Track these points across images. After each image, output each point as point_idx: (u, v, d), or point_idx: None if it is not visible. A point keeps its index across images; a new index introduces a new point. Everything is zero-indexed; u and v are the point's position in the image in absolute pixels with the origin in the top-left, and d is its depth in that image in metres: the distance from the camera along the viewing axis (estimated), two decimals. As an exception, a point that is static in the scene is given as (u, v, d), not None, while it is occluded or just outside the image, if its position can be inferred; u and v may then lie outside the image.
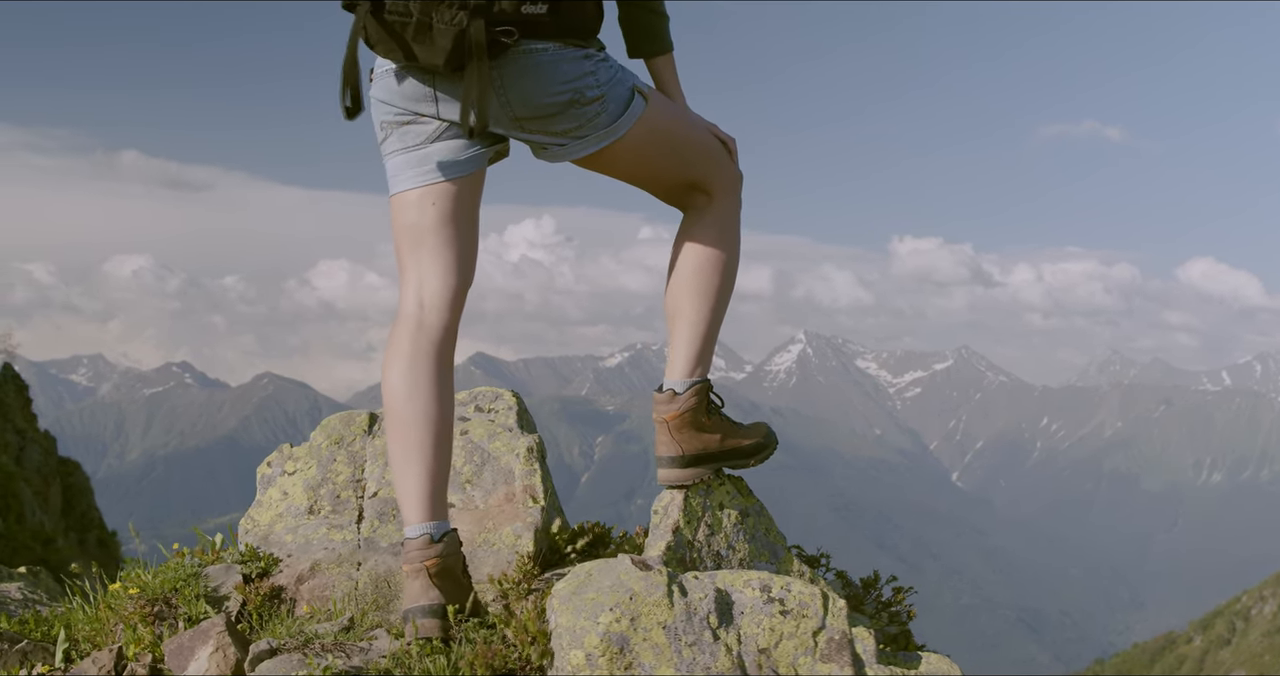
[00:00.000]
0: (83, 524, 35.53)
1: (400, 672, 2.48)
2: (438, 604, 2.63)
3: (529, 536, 3.18)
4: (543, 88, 2.71)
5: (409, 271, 2.88)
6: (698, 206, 3.09)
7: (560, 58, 2.71)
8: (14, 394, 36.87)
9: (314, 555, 3.18)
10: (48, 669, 2.78)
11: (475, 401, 3.66)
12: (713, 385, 3.13)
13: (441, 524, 2.75)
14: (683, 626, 2.46)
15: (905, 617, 3.48)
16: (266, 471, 3.54)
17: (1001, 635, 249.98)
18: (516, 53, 2.66)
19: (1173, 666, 77.02)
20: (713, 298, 3.07)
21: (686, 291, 3.06)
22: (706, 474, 3.09)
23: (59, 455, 36.98)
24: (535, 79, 2.70)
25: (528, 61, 2.68)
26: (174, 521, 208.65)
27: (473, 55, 2.57)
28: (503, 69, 2.67)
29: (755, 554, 3.11)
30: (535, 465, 3.40)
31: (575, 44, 2.74)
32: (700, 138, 3.04)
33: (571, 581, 2.55)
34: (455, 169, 2.82)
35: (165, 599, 2.99)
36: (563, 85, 2.72)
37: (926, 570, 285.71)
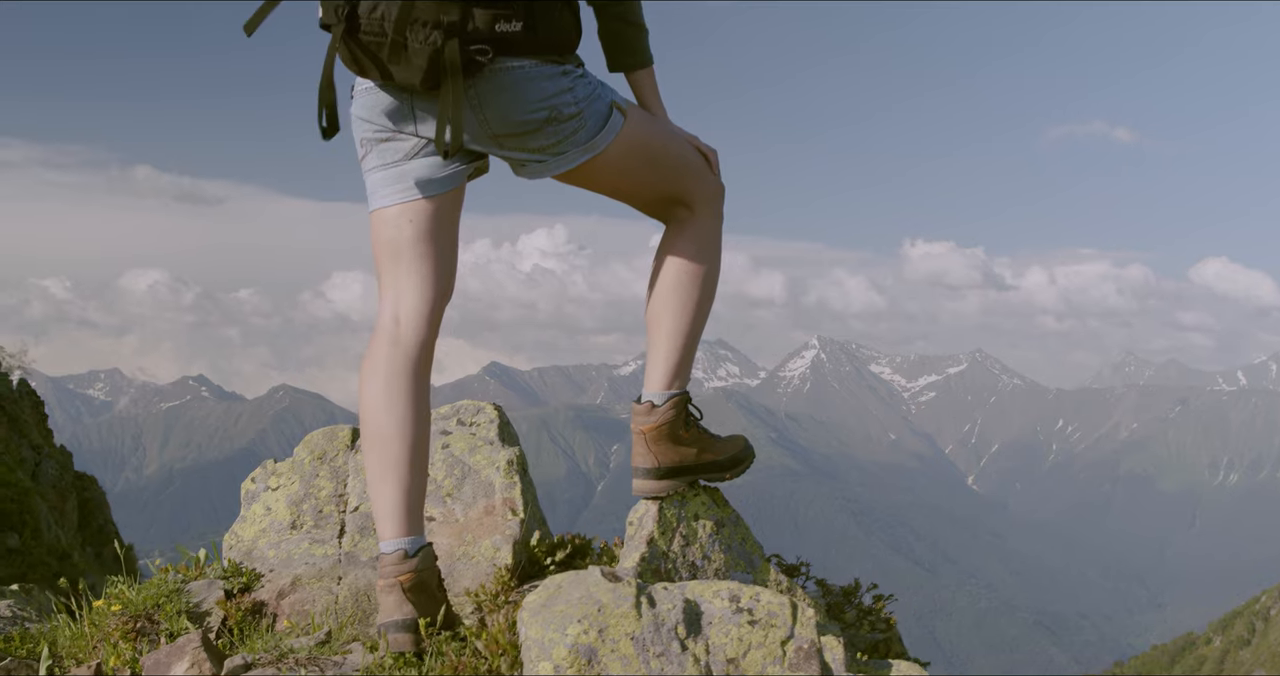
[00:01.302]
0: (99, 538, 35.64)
1: (372, 686, 2.51)
2: (411, 618, 2.66)
3: (508, 549, 3.21)
4: (520, 105, 2.73)
5: (386, 287, 2.91)
6: (679, 219, 3.11)
7: (537, 75, 2.72)
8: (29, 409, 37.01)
9: (295, 570, 3.22)
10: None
11: (457, 415, 3.69)
12: (690, 397, 3.15)
13: (416, 539, 2.78)
14: (650, 637, 2.48)
15: (885, 625, 3.49)
16: (251, 487, 3.58)
17: (1020, 638, 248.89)
18: (493, 70, 2.68)
19: (1192, 667, 76.69)
20: (692, 310, 3.09)
21: (666, 304, 3.09)
22: (681, 486, 3.11)
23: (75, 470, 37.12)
24: (512, 96, 2.72)
25: (504, 79, 2.70)
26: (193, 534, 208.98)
27: (447, 74, 2.60)
28: (479, 86, 2.69)
29: (731, 564, 3.13)
30: (515, 478, 3.43)
31: (552, 60, 2.75)
32: (680, 152, 3.05)
33: (542, 593, 2.57)
34: (433, 186, 2.84)
35: (148, 615, 3.03)
36: (540, 102, 2.74)
37: (943, 574, 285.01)
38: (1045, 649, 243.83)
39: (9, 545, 18.84)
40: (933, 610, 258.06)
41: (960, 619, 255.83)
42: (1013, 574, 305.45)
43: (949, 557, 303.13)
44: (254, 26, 2.70)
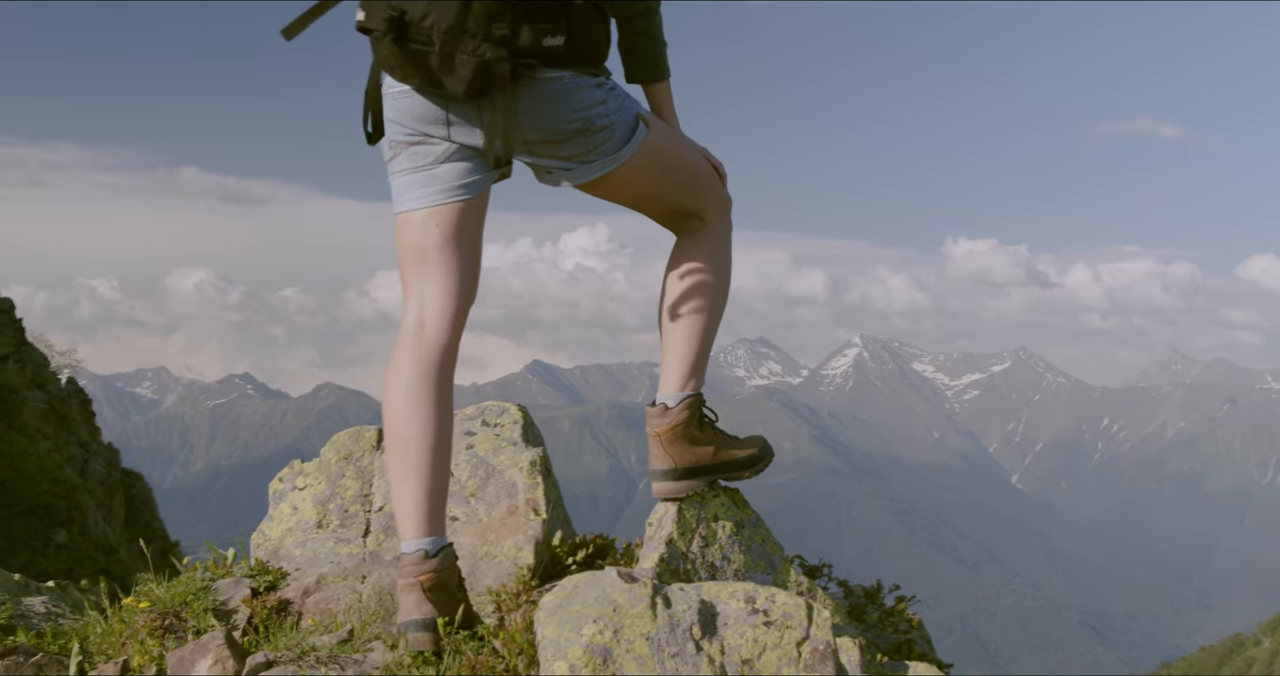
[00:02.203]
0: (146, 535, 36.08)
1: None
2: (430, 617, 2.70)
3: (530, 549, 3.24)
4: (558, 115, 2.79)
5: (411, 290, 2.95)
6: (692, 229, 3.18)
7: (575, 86, 2.79)
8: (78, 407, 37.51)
9: (320, 568, 3.26)
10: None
11: (482, 416, 3.73)
12: (704, 399, 3.18)
13: (437, 539, 2.81)
14: (666, 637, 2.50)
15: (907, 626, 3.49)
16: (278, 487, 3.63)
17: (1066, 638, 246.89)
18: (532, 80, 2.74)
19: (1241, 669, 75.77)
20: (705, 315, 3.15)
21: (680, 309, 3.15)
22: (700, 486, 3.14)
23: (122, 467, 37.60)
24: (550, 106, 2.78)
25: (544, 90, 2.76)
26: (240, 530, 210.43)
27: (495, 85, 2.65)
28: (519, 96, 2.74)
29: (751, 564, 3.15)
30: (539, 478, 3.45)
31: (588, 72, 2.83)
32: (695, 163, 3.12)
33: (559, 594, 2.60)
34: (461, 191, 2.89)
35: (175, 612, 3.09)
36: (576, 113, 2.80)
37: (988, 573, 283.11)
38: (1091, 649, 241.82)
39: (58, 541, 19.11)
40: (976, 610, 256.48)
41: (1005, 618, 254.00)
42: (1058, 573, 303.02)
43: (993, 557, 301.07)
44: (294, 33, 2.76)
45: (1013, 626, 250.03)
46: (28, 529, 18.63)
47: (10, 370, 23.33)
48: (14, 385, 22.92)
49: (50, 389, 26.14)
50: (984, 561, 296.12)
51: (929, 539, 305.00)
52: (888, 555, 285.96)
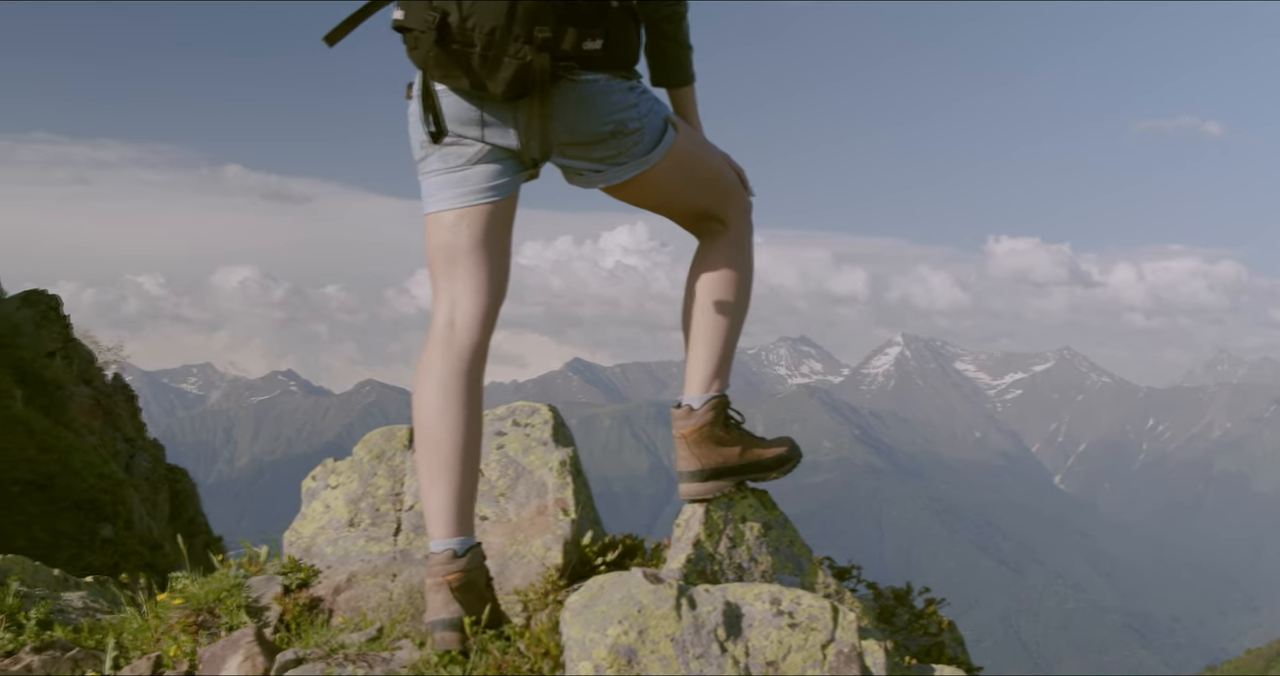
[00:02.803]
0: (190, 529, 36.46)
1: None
2: (457, 617, 2.73)
3: (558, 549, 3.26)
4: (591, 118, 2.83)
5: (442, 291, 2.97)
6: (713, 232, 3.20)
7: (610, 89, 2.83)
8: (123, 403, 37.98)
9: (351, 567, 3.30)
10: (95, 675, 2.92)
11: (513, 416, 3.75)
12: (730, 400, 3.19)
13: (466, 539, 2.83)
14: (690, 638, 2.51)
15: (937, 629, 3.49)
16: (311, 485, 3.67)
17: (1109, 640, 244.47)
18: (568, 83, 2.77)
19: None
20: (728, 318, 3.17)
21: (703, 312, 3.17)
22: (727, 487, 3.15)
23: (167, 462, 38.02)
24: (584, 109, 2.81)
25: (579, 92, 2.79)
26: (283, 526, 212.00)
27: (534, 87, 2.69)
28: (554, 97, 2.77)
29: (779, 566, 3.15)
30: (568, 478, 3.47)
31: (622, 75, 2.87)
32: (718, 167, 3.15)
33: (584, 594, 2.62)
34: (492, 193, 2.91)
35: (209, 609, 3.13)
36: (609, 116, 2.84)
37: (1030, 574, 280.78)
38: (1135, 652, 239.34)
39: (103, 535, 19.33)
40: (1018, 611, 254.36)
41: (1047, 620, 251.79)
42: (1102, 575, 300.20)
43: (1036, 558, 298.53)
44: (337, 39, 2.79)
45: (1055, 628, 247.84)
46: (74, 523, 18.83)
47: (57, 366, 23.62)
48: (61, 381, 23.20)
49: (97, 384, 26.42)
50: (1026, 562, 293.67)
51: (971, 539, 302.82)
52: (929, 555, 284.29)
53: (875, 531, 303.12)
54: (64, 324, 24.37)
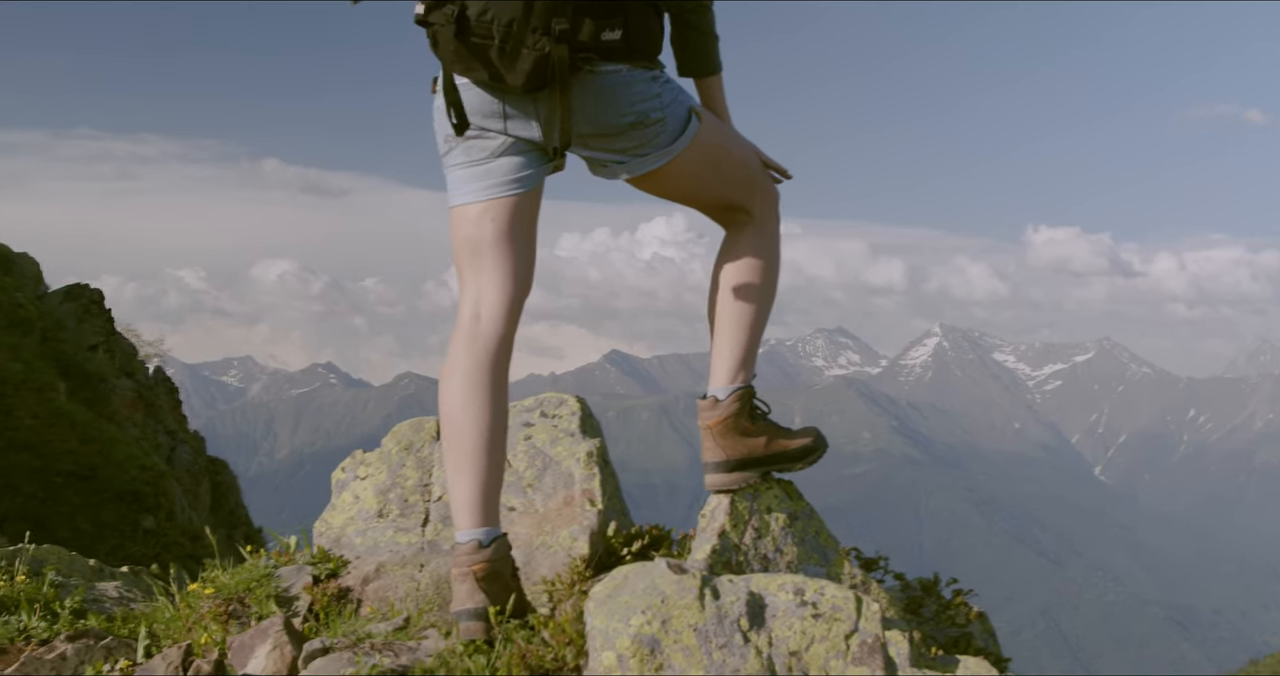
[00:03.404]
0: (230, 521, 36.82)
1: (444, 671, 2.59)
2: (482, 606, 2.75)
3: (584, 539, 3.28)
4: (612, 108, 2.83)
5: (467, 283, 2.99)
6: (739, 224, 3.19)
7: (631, 79, 2.83)
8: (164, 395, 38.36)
9: (380, 557, 3.33)
10: (128, 664, 2.96)
11: (541, 407, 3.77)
12: (755, 391, 3.18)
13: (491, 529, 2.85)
14: (714, 628, 2.52)
15: (965, 620, 3.48)
16: (340, 476, 3.70)
17: (1150, 633, 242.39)
18: (588, 74, 2.77)
19: (1332, 667, 73.97)
20: (754, 309, 3.16)
21: (729, 303, 3.16)
22: (753, 478, 3.15)
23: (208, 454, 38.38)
24: (606, 100, 2.81)
25: (600, 83, 2.79)
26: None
27: (554, 78, 2.70)
28: (575, 88, 2.78)
29: (804, 556, 3.15)
30: (595, 469, 3.49)
31: (643, 66, 2.86)
32: (743, 157, 3.14)
33: (608, 584, 2.63)
34: (516, 185, 2.92)
35: (239, 598, 3.17)
36: (631, 107, 2.84)
37: (1070, 566, 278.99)
38: (1177, 645, 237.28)
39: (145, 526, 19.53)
40: (1058, 604, 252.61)
41: (1087, 613, 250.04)
42: (1142, 568, 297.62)
43: (1075, 550, 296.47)
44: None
45: (1095, 621, 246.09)
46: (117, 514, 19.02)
47: (100, 359, 23.87)
48: (103, 374, 23.44)
49: (138, 377, 26.68)
50: (1066, 554, 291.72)
51: (1010, 531, 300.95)
52: (967, 547, 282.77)
53: (914, 523, 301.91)
54: (106, 318, 24.62)
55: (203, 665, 2.77)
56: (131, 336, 28.65)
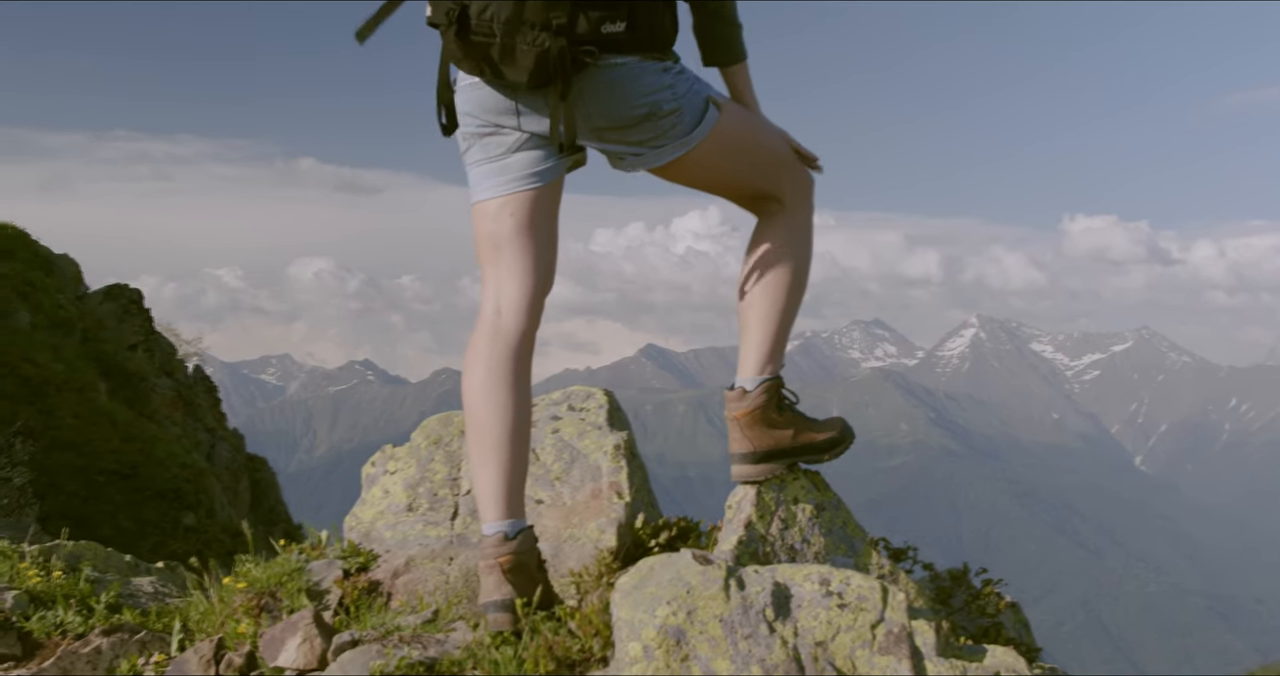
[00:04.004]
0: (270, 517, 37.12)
1: (471, 663, 2.61)
2: (509, 598, 2.76)
3: (612, 531, 3.28)
4: (623, 101, 2.81)
5: (489, 279, 3.01)
6: (770, 212, 3.16)
7: (640, 71, 2.81)
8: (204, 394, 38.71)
9: (409, 551, 3.35)
10: (163, 658, 3.00)
11: (568, 400, 3.78)
12: (784, 381, 3.18)
13: (516, 522, 2.87)
14: (739, 619, 2.52)
15: (995, 610, 3.46)
16: (370, 470, 3.73)
17: (1193, 623, 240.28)
18: (597, 67, 2.76)
19: (1378, 657, 73.05)
20: (783, 299, 3.14)
21: (758, 293, 3.14)
22: (780, 469, 3.15)
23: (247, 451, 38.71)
24: (615, 92, 2.80)
25: (608, 76, 2.78)
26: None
27: (556, 74, 2.69)
28: (583, 83, 2.77)
29: (832, 547, 3.15)
30: (622, 462, 3.49)
31: (654, 57, 2.84)
32: (771, 145, 3.11)
33: (634, 576, 2.63)
34: (534, 179, 2.93)
35: (271, 592, 3.20)
36: (641, 98, 2.82)
37: (1110, 557, 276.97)
38: (1220, 635, 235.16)
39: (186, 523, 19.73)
40: (1099, 595, 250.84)
41: (1128, 604, 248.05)
42: (1184, 558, 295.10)
43: (1116, 540, 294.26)
44: (366, 35, 2.83)
45: (1137, 612, 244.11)
46: (158, 511, 19.20)
47: (140, 358, 24.09)
48: (143, 373, 23.66)
49: (178, 376, 26.91)
50: (1106, 545, 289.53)
51: (1050, 522, 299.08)
52: (1007, 539, 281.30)
53: (952, 515, 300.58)
54: (146, 317, 24.85)
55: (234, 658, 2.81)
56: (170, 336, 28.91)
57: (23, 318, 19.62)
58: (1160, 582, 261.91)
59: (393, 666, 2.58)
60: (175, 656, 3.02)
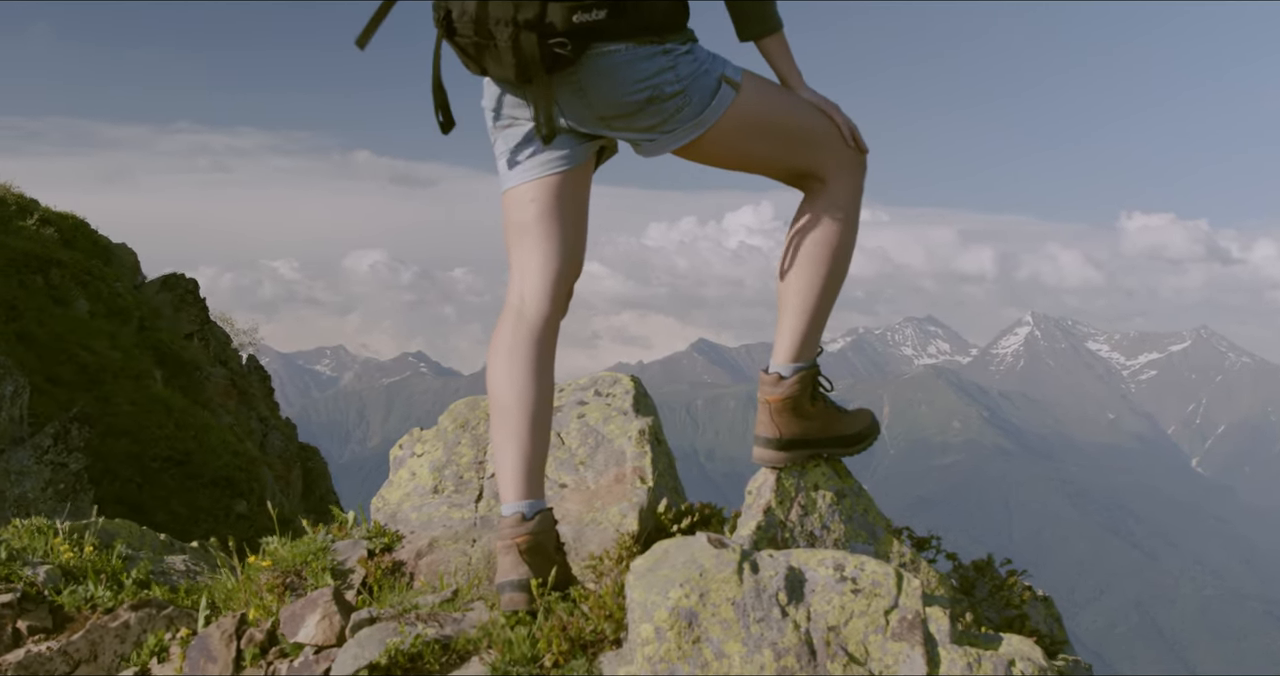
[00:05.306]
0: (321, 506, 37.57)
1: (486, 642, 2.64)
2: (525, 578, 2.78)
3: (634, 516, 3.30)
4: (619, 88, 2.80)
5: (514, 265, 3.03)
6: (813, 191, 3.08)
7: (634, 57, 2.78)
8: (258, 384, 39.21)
9: (433, 532, 3.39)
10: (189, 633, 3.06)
11: (595, 386, 3.81)
12: (820, 370, 3.15)
13: (535, 502, 2.89)
14: (752, 602, 2.53)
15: (1019, 601, 3.44)
16: (398, 453, 3.77)
17: (1249, 627, 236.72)
18: (591, 55, 2.76)
19: None
20: (822, 283, 3.06)
21: (796, 276, 3.08)
22: (802, 457, 3.14)
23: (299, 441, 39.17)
24: (611, 80, 2.79)
25: (602, 64, 2.77)
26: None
27: (531, 68, 2.70)
28: (581, 72, 2.78)
29: (852, 534, 3.15)
30: (646, 447, 3.51)
31: (649, 41, 2.79)
32: (805, 122, 3.00)
33: (649, 558, 2.65)
34: (557, 163, 2.94)
35: (296, 571, 3.25)
36: (639, 84, 2.80)
37: (1164, 559, 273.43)
38: (1275, 639, 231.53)
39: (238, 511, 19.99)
40: (1154, 597, 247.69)
41: (1184, 606, 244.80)
42: (1240, 561, 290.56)
43: (1171, 542, 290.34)
44: (366, 40, 2.87)
45: (1192, 614, 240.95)
46: (210, 499, 19.46)
47: (195, 347, 24.42)
48: (198, 362, 23.97)
49: (232, 366, 27.25)
50: (1161, 547, 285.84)
51: (1103, 523, 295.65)
52: (1059, 539, 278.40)
53: (1004, 514, 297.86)
54: (201, 307, 25.18)
55: (255, 633, 2.85)
56: (226, 325, 29.25)
57: (81, 306, 19.94)
58: (1216, 586, 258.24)
59: (408, 643, 2.61)
60: (200, 631, 3.07)
